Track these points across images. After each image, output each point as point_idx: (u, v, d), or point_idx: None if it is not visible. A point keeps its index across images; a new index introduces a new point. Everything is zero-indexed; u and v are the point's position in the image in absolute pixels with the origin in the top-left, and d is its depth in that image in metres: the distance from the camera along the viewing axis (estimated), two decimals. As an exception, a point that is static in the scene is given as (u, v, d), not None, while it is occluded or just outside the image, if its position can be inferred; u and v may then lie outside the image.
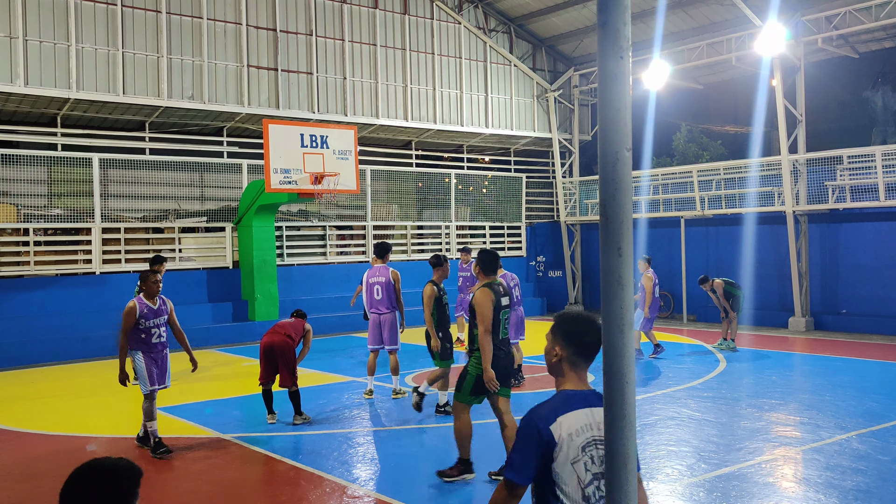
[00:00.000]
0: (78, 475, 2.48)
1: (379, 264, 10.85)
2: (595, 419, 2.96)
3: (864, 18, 16.80)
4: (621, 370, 2.83)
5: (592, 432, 2.96)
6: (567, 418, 2.93)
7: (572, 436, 2.91)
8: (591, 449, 2.94)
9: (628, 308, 2.85)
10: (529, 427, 2.92)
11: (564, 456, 2.88)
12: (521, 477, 2.88)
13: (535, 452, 2.89)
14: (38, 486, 7.13)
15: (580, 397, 3.01)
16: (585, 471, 2.90)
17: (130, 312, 8.03)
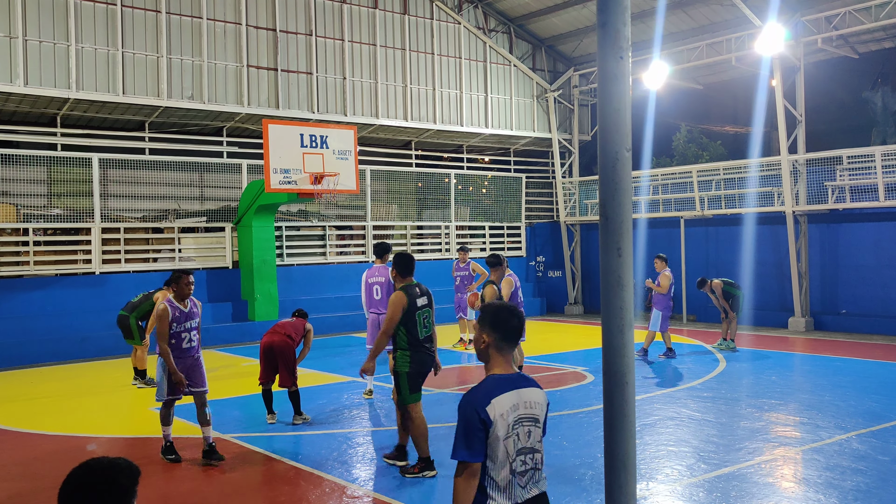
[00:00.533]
0: (76, 474, 2.48)
1: (379, 264, 10.84)
2: (522, 399, 3.33)
3: (863, 19, 16.81)
4: (621, 370, 2.83)
5: (520, 411, 3.31)
6: (499, 400, 3.26)
7: (503, 416, 3.25)
8: (518, 427, 3.30)
9: (628, 308, 2.86)
10: (468, 411, 3.25)
11: (496, 434, 3.23)
12: (473, 455, 3.24)
13: (476, 432, 3.23)
14: (37, 485, 7.13)
15: (508, 380, 3.35)
16: (513, 446, 3.27)
17: (163, 316, 7.57)
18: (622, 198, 2.79)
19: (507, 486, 3.28)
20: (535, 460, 3.38)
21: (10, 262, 15.28)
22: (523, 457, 3.32)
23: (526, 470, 3.33)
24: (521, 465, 3.31)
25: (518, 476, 3.30)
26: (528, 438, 3.33)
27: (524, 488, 3.32)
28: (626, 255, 2.83)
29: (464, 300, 15.40)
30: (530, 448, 3.34)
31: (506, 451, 3.26)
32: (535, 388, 3.44)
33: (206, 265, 17.46)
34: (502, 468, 3.26)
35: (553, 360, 13.63)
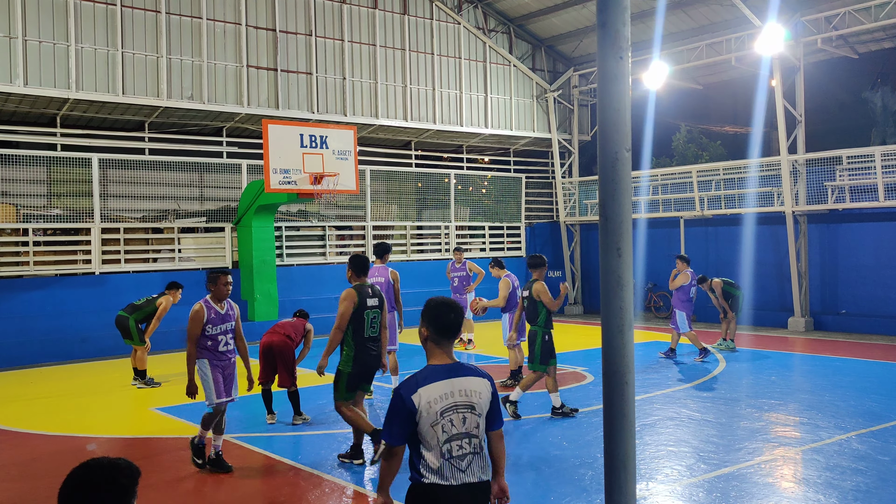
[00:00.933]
0: (76, 474, 2.48)
1: (378, 264, 10.84)
2: (456, 387, 3.53)
3: (863, 19, 16.81)
4: (620, 370, 2.83)
5: (453, 399, 3.52)
6: (427, 389, 3.49)
7: (431, 403, 3.46)
8: (450, 413, 3.50)
9: (628, 308, 2.86)
10: (396, 398, 3.51)
11: (425, 420, 3.46)
12: (393, 439, 3.52)
13: (401, 418, 3.49)
14: (37, 486, 7.13)
15: (443, 370, 3.57)
16: (443, 432, 3.47)
17: (197, 317, 7.22)
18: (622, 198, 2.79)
19: (440, 468, 3.47)
20: (473, 445, 3.54)
21: (9, 263, 15.28)
22: (459, 441, 3.50)
23: (464, 454, 3.51)
24: (457, 449, 3.50)
25: (455, 460, 3.49)
26: (462, 425, 3.52)
27: (463, 472, 3.49)
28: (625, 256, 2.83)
29: (462, 300, 15.39)
30: (465, 433, 3.51)
31: (436, 436, 3.47)
32: (476, 377, 3.61)
33: (206, 265, 17.46)
34: (434, 451, 3.48)
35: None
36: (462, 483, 3.49)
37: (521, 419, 9.23)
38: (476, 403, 3.56)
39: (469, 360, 14.15)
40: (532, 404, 10.10)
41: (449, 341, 3.65)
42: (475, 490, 3.52)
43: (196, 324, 7.21)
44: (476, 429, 3.56)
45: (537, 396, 10.57)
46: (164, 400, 10.96)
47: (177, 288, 12.22)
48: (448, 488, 3.49)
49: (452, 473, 3.49)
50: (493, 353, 14.26)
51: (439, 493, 3.48)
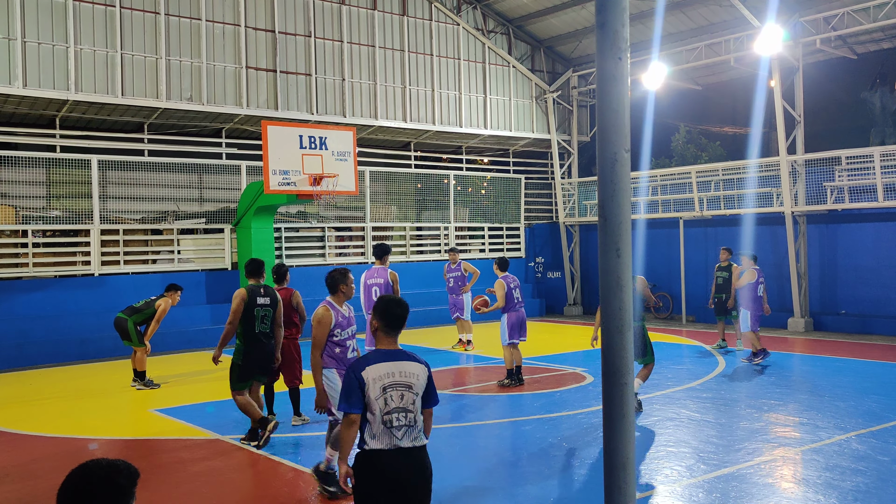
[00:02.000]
0: (75, 476, 2.48)
1: (378, 265, 10.84)
2: (398, 369, 4.29)
3: (862, 19, 16.82)
4: (620, 370, 2.83)
5: (394, 378, 4.27)
6: (373, 368, 4.25)
7: (375, 380, 4.23)
8: (390, 390, 4.25)
9: (627, 308, 2.86)
10: (349, 374, 4.30)
11: (371, 393, 4.22)
12: (352, 407, 4.22)
13: (354, 391, 4.22)
14: (36, 487, 7.13)
15: (388, 354, 4.35)
16: (385, 404, 4.21)
17: (325, 321, 6.57)
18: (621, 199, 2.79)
19: (382, 434, 4.19)
20: (409, 419, 4.26)
21: (9, 264, 15.27)
22: (397, 414, 4.24)
23: (401, 425, 4.23)
24: (395, 420, 4.23)
25: (394, 429, 4.21)
26: (401, 400, 4.25)
27: (399, 440, 4.21)
28: (625, 256, 2.83)
29: (459, 301, 15.39)
30: (403, 408, 4.24)
31: (378, 407, 4.21)
32: (415, 362, 4.37)
33: (205, 266, 17.45)
34: (377, 421, 4.21)
35: (552, 361, 13.63)
36: (397, 448, 4.21)
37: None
38: (413, 384, 4.31)
39: (468, 361, 14.15)
40: (532, 405, 10.10)
41: (394, 331, 4.44)
42: (407, 454, 4.22)
43: (324, 329, 6.57)
44: (412, 405, 4.28)
45: (537, 397, 10.57)
46: (164, 401, 10.96)
47: (176, 290, 12.22)
48: (387, 452, 4.21)
49: (390, 440, 4.21)
50: (493, 353, 14.26)
51: (380, 456, 4.20)
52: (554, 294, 23.25)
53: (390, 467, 4.19)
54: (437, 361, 14.01)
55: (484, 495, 6.67)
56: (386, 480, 4.18)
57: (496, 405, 10.28)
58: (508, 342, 11.29)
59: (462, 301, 15.38)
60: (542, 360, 13.65)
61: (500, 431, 8.86)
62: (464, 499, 6.61)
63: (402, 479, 4.20)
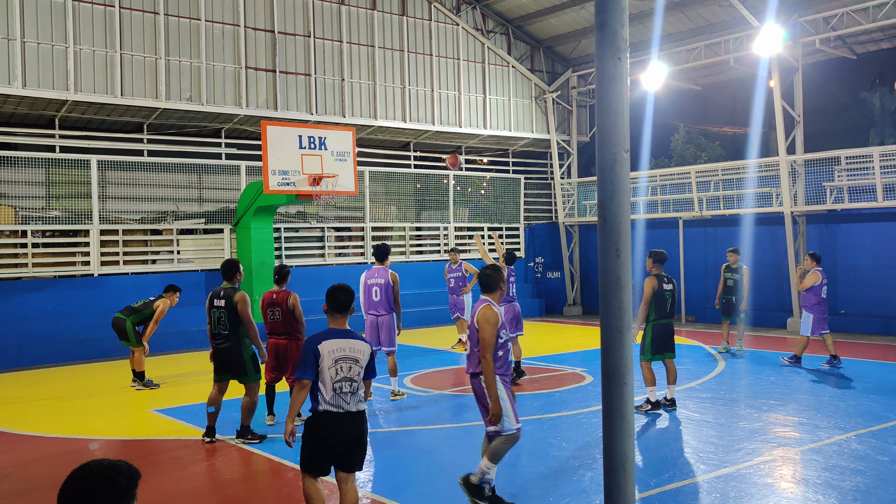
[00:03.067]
0: (76, 476, 2.48)
1: (378, 266, 10.84)
2: (347, 345, 5.25)
3: (861, 19, 16.83)
4: (619, 371, 2.83)
5: (344, 353, 5.21)
6: (327, 343, 5.22)
7: (329, 353, 5.17)
8: (340, 362, 5.20)
9: (627, 309, 2.86)
10: (307, 347, 5.22)
11: (323, 364, 5.15)
12: (306, 374, 5.15)
13: (310, 360, 5.14)
14: (35, 487, 7.12)
15: (337, 332, 5.32)
16: (336, 374, 5.17)
17: (493, 320, 5.95)
18: (620, 199, 2.79)
19: (331, 398, 5.16)
20: (353, 387, 5.23)
21: (8, 264, 15.26)
22: (343, 383, 5.19)
23: (347, 392, 5.20)
24: (342, 387, 5.19)
25: (342, 395, 5.17)
26: (348, 371, 5.21)
27: (347, 403, 5.19)
28: (624, 256, 2.83)
29: (459, 301, 15.39)
30: (349, 378, 5.20)
31: (330, 376, 5.15)
32: (361, 341, 5.34)
33: (205, 267, 17.45)
34: (328, 387, 5.16)
35: (552, 361, 13.63)
36: (345, 411, 5.20)
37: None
38: (359, 358, 5.27)
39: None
40: (531, 405, 10.10)
41: (341, 314, 5.39)
42: (351, 416, 5.21)
43: (493, 329, 5.91)
44: (357, 375, 5.25)
45: (536, 397, 10.57)
46: (163, 401, 10.96)
47: (175, 291, 12.21)
48: (335, 414, 5.17)
49: (338, 404, 5.18)
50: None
51: (330, 417, 5.17)
52: (553, 294, 23.26)
53: (339, 426, 5.18)
54: (437, 361, 14.02)
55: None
56: (331, 434, 5.18)
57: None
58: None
59: (462, 301, 15.38)
60: (541, 361, 13.65)
61: (500, 431, 8.85)
62: (462, 499, 6.61)
63: (346, 435, 5.21)
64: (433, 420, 9.46)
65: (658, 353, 9.58)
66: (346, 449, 5.20)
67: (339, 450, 5.20)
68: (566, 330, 19.16)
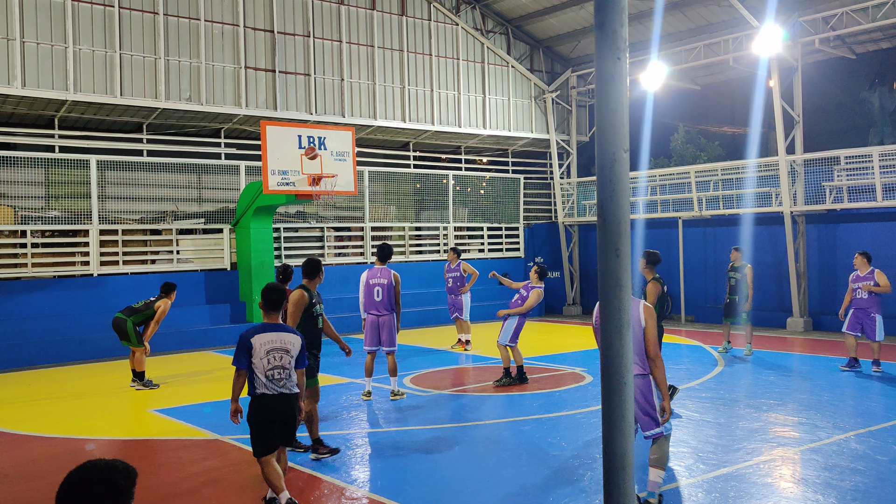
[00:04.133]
0: (74, 476, 2.48)
1: (379, 266, 10.85)
2: (278, 338, 6.14)
3: (860, 19, 16.83)
4: (619, 371, 2.83)
5: (275, 344, 6.10)
6: (259, 336, 6.10)
7: (262, 345, 6.06)
8: (272, 353, 6.09)
9: (626, 309, 2.86)
10: (241, 340, 6.10)
11: (257, 354, 6.05)
12: (241, 365, 6.07)
13: (244, 353, 6.05)
14: (34, 487, 7.12)
15: (270, 327, 6.20)
16: (267, 363, 6.06)
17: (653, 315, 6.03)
18: (620, 199, 2.79)
19: (265, 383, 6.06)
20: (285, 373, 6.14)
21: (7, 265, 15.26)
22: (275, 370, 6.10)
23: (279, 378, 6.11)
24: (275, 374, 6.09)
25: (274, 380, 6.09)
26: (280, 360, 6.12)
27: (278, 388, 6.10)
28: (623, 256, 2.83)
29: (458, 301, 15.39)
30: (280, 366, 6.11)
31: (263, 365, 6.05)
32: (293, 334, 6.25)
33: (205, 267, 17.45)
34: (262, 374, 6.06)
35: (551, 361, 13.63)
36: (279, 393, 6.11)
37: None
38: (290, 349, 6.17)
39: (467, 362, 14.15)
40: (530, 405, 10.10)
41: (274, 311, 6.27)
42: (285, 398, 6.14)
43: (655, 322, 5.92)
44: (289, 364, 6.16)
45: (536, 397, 10.57)
46: (163, 402, 10.96)
47: (172, 289, 12.21)
48: (271, 396, 6.10)
49: (273, 388, 6.09)
50: (492, 353, 14.25)
51: (267, 398, 6.09)
52: (553, 294, 23.25)
53: (272, 406, 6.11)
54: (436, 361, 14.02)
55: (482, 495, 6.67)
56: (270, 413, 6.10)
57: (495, 405, 10.28)
58: (509, 343, 11.30)
59: (461, 301, 15.38)
60: (541, 360, 13.65)
61: (499, 432, 8.86)
62: (462, 499, 6.61)
63: (279, 413, 6.13)
64: (433, 420, 9.46)
65: None
66: (282, 426, 6.20)
67: (278, 427, 6.16)
68: (565, 330, 19.17)
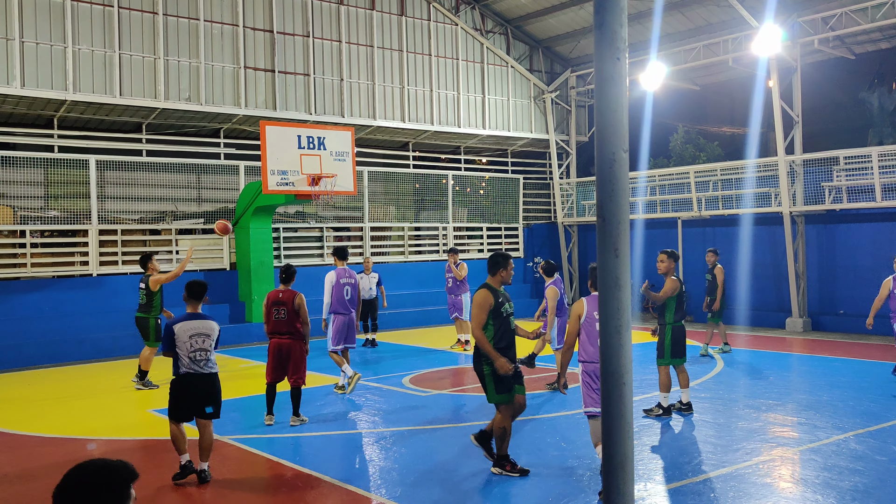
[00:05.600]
0: (71, 476, 2.48)
1: (342, 266, 11.07)
2: (199, 325, 7.13)
3: (859, 19, 16.84)
4: (618, 371, 2.83)
5: (197, 330, 7.08)
6: (181, 324, 7.09)
7: (183, 332, 7.05)
8: (195, 337, 7.07)
9: (625, 309, 2.86)
10: (166, 330, 7.11)
11: (180, 340, 7.03)
12: (166, 351, 7.15)
13: (168, 340, 7.06)
14: (33, 487, 7.12)
15: (192, 315, 7.23)
16: (190, 347, 7.03)
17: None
18: (619, 199, 2.79)
19: (189, 365, 7.05)
20: (206, 355, 7.11)
21: (7, 265, 15.25)
22: (197, 353, 7.07)
23: (200, 359, 7.09)
24: (196, 356, 7.07)
25: (196, 362, 7.06)
26: (202, 343, 7.11)
27: (202, 368, 7.09)
28: (623, 256, 2.83)
29: (458, 301, 15.38)
30: (202, 349, 7.09)
31: (186, 349, 7.03)
32: (211, 321, 7.24)
33: (204, 266, 17.45)
34: (185, 356, 7.04)
35: (551, 361, 13.62)
36: (199, 373, 7.07)
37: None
38: (210, 334, 7.16)
39: (467, 362, 14.14)
40: (530, 405, 10.09)
41: (196, 301, 7.35)
42: (206, 377, 7.11)
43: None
44: (210, 347, 7.15)
45: (535, 397, 10.57)
46: (162, 402, 10.91)
47: (151, 257, 12.28)
48: (193, 375, 7.07)
49: (195, 369, 7.06)
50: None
51: (190, 378, 7.07)
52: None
53: (196, 385, 7.10)
54: (436, 361, 14.01)
55: (482, 495, 6.67)
56: (188, 389, 7.08)
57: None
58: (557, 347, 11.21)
59: (461, 301, 15.38)
60: (540, 360, 13.65)
61: (499, 431, 8.84)
62: (461, 499, 6.61)
63: (203, 391, 7.11)
64: (432, 420, 9.46)
65: (677, 356, 9.38)
66: (203, 402, 7.12)
67: (199, 403, 7.10)
68: (565, 330, 19.14)
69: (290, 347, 9.21)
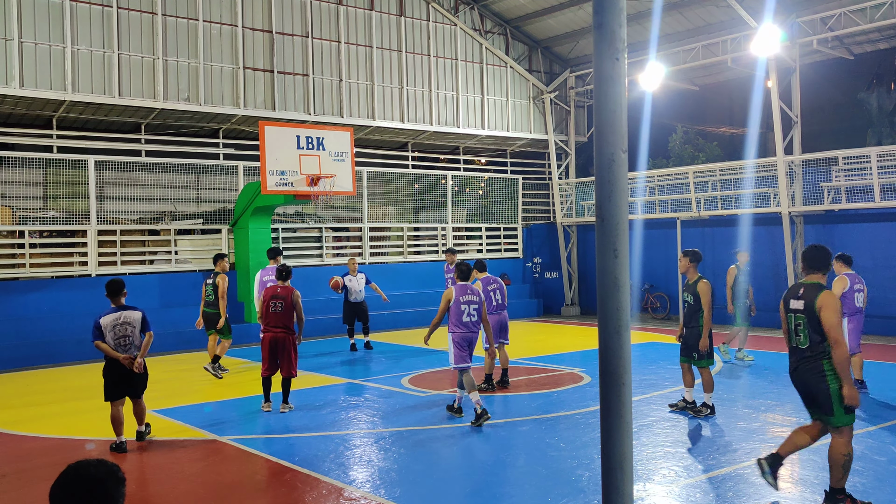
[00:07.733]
0: (65, 477, 2.48)
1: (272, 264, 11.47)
2: (122, 316, 8.27)
3: (858, 20, 16.85)
4: (617, 371, 2.84)
5: (121, 320, 8.21)
6: (105, 317, 8.20)
7: (107, 323, 8.17)
8: (118, 328, 8.19)
9: (625, 309, 2.86)
10: (95, 323, 8.19)
11: (106, 330, 8.17)
12: (95, 339, 8.18)
13: (98, 331, 8.15)
14: (33, 488, 7.11)
15: (115, 308, 8.26)
16: (116, 334, 8.18)
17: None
18: (618, 199, 2.79)
19: (116, 349, 8.12)
20: (128, 342, 8.24)
21: (6, 265, 15.24)
22: (122, 339, 8.19)
23: (126, 345, 8.21)
24: (122, 342, 8.18)
25: (123, 347, 8.19)
26: (125, 332, 8.19)
27: (126, 351, 8.21)
28: (622, 257, 2.84)
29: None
30: (126, 335, 8.22)
31: (111, 336, 8.13)
32: (135, 311, 8.35)
33: (203, 267, 17.43)
34: (112, 343, 8.13)
35: (550, 362, 13.63)
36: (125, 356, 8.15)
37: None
38: (132, 322, 8.27)
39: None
40: (529, 405, 10.10)
41: (116, 297, 8.31)
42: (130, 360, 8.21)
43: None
44: (132, 333, 8.28)
45: (534, 397, 10.58)
46: (161, 402, 10.94)
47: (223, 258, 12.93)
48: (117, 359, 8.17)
49: (119, 352, 8.12)
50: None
51: (116, 361, 8.15)
52: (551, 294, 23.26)
53: (121, 367, 8.17)
54: (433, 362, 14.01)
55: (481, 496, 6.67)
56: (116, 370, 8.22)
57: (493, 406, 10.27)
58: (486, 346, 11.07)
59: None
60: (539, 361, 13.66)
61: (498, 432, 8.86)
62: (461, 499, 6.61)
63: (126, 372, 8.23)
64: (432, 420, 9.46)
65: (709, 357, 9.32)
66: (131, 382, 8.34)
67: (127, 382, 8.28)
68: (564, 330, 19.17)
69: (283, 341, 9.77)
